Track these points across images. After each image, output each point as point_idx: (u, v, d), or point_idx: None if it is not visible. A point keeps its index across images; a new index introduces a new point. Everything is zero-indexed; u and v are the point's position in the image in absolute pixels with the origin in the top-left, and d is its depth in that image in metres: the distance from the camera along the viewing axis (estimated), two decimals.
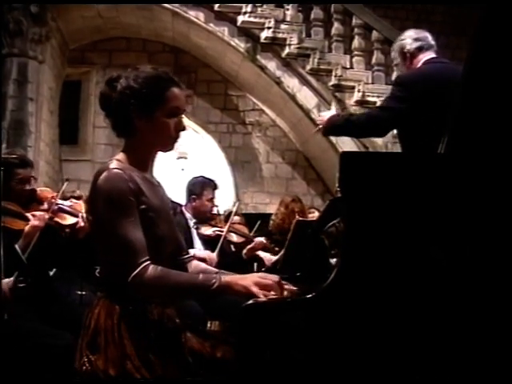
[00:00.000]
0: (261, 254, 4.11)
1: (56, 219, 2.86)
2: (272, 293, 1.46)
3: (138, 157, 1.62)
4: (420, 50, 3.01)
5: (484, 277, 1.36)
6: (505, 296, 1.35)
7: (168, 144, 1.64)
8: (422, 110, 2.71)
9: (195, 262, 1.82)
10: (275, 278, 1.51)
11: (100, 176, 1.52)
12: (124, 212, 1.49)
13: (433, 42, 3.03)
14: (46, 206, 2.85)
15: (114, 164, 1.55)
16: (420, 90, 2.75)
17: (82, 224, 2.84)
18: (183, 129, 1.63)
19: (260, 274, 1.54)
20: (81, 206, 3.06)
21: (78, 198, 3.47)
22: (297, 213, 4.37)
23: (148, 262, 1.47)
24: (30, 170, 2.88)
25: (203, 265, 1.88)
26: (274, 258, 4.02)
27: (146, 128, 1.58)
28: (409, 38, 3.04)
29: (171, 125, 1.60)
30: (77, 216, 2.93)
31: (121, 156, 1.61)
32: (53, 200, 2.86)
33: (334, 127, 3.11)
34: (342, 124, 3.08)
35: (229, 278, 1.49)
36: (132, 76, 1.59)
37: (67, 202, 3.06)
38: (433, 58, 2.96)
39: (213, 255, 3.56)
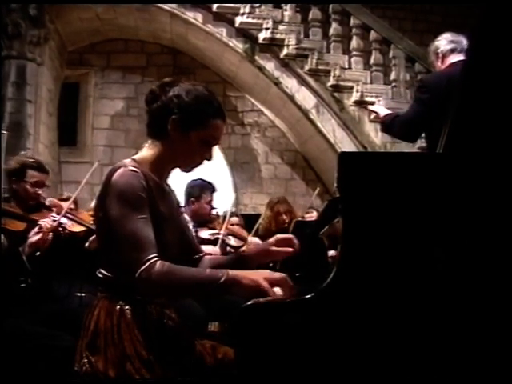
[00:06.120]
0: None
1: (65, 226, 2.87)
2: (279, 290, 1.45)
3: (157, 164, 1.61)
4: (452, 51, 3.06)
5: (483, 274, 1.36)
6: (505, 296, 1.35)
7: (189, 165, 1.65)
8: (444, 111, 2.71)
9: (207, 257, 1.80)
10: (283, 275, 1.49)
11: (115, 172, 1.52)
12: (135, 208, 1.48)
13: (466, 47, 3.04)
14: (54, 213, 2.86)
15: (130, 162, 1.56)
16: (442, 91, 2.75)
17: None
18: (210, 159, 1.64)
19: (267, 270, 1.50)
20: (88, 216, 3.06)
21: (66, 199, 3.45)
22: (283, 213, 4.24)
23: (156, 258, 1.44)
24: (45, 176, 2.90)
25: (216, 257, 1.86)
26: None
27: (177, 141, 1.58)
28: (444, 40, 3.11)
29: (200, 150, 1.61)
30: (86, 226, 2.93)
31: (139, 157, 1.61)
32: (62, 209, 2.87)
33: (384, 126, 3.21)
34: (388, 124, 3.15)
35: (237, 272, 1.45)
36: (186, 88, 1.60)
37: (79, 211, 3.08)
38: (460, 61, 2.93)
39: (216, 249, 3.57)
